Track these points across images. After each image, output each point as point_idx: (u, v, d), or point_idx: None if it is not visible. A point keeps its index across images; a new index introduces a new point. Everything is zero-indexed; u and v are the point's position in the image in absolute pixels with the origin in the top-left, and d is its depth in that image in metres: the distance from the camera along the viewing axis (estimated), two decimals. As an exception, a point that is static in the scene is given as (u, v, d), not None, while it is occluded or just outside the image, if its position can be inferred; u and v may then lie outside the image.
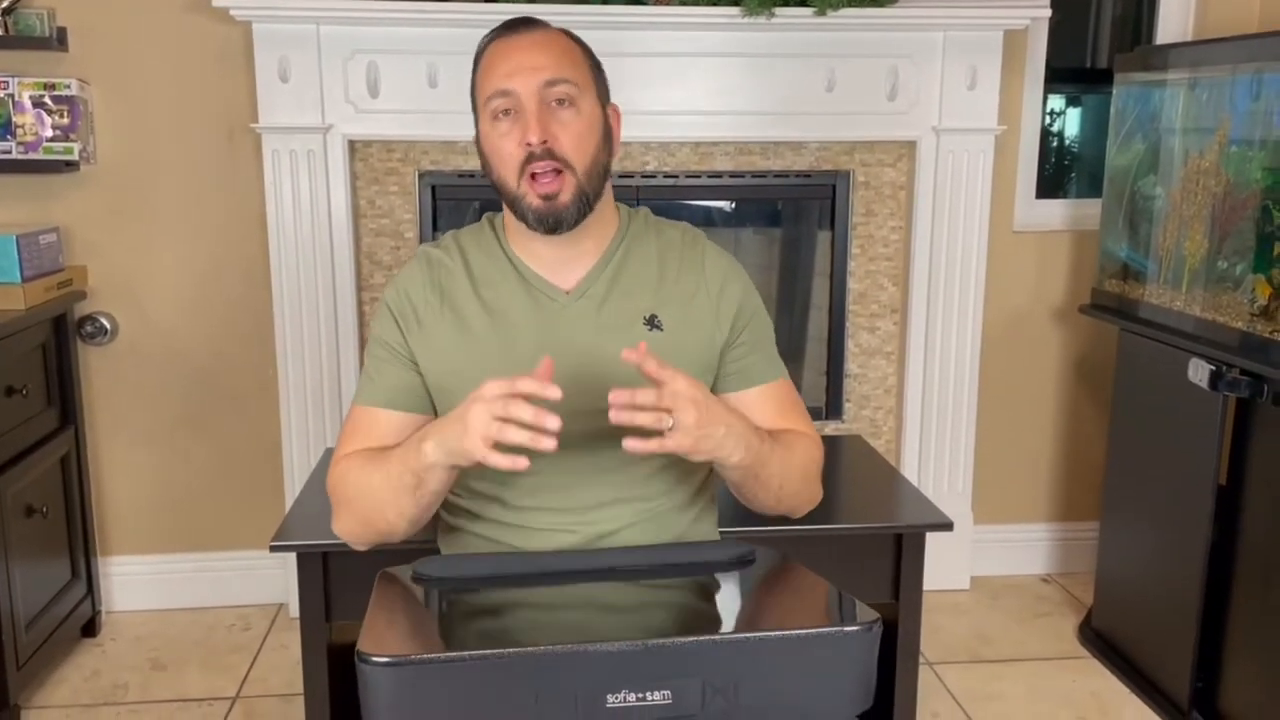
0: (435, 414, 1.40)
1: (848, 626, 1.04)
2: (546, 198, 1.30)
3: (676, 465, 1.39)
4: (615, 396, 1.13)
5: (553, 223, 1.31)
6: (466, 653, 0.99)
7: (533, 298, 1.38)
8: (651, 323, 1.37)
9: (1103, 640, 2.59)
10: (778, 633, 1.03)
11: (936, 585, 2.80)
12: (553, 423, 1.10)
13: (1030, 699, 2.39)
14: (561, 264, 1.38)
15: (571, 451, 1.33)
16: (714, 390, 1.42)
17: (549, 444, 1.10)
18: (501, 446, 1.12)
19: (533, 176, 1.30)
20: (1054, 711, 2.34)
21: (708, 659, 1.00)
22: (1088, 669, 2.52)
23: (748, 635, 1.03)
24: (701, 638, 1.02)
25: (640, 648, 0.99)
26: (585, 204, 1.32)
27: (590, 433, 1.32)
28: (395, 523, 1.30)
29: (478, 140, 1.36)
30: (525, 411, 1.10)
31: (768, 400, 1.42)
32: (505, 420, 1.11)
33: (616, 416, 1.13)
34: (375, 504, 1.30)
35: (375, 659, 0.97)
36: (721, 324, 1.40)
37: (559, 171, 1.30)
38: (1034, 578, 3.00)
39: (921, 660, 2.40)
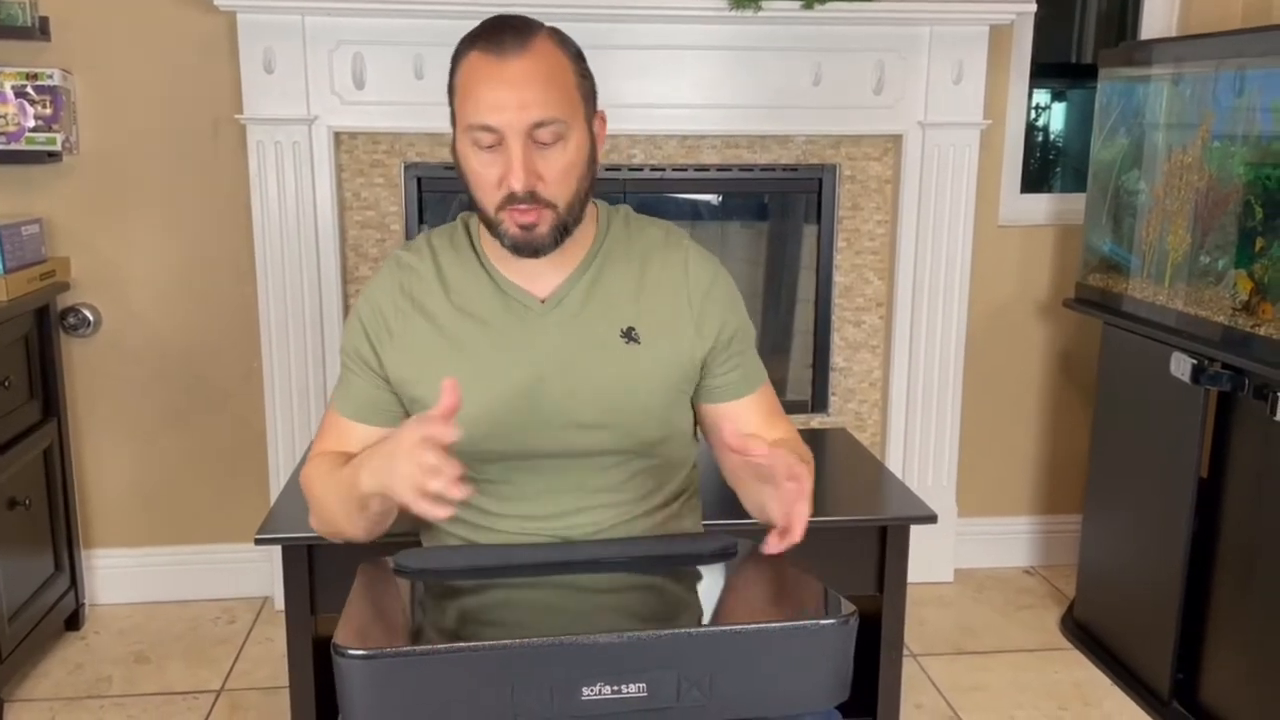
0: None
1: (824, 620, 1.04)
2: (524, 227, 1.25)
3: (652, 470, 1.38)
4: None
5: (529, 251, 1.27)
6: (442, 646, 0.99)
7: (507, 305, 1.33)
8: (629, 335, 1.33)
9: (1085, 632, 2.60)
10: (754, 626, 1.03)
11: (920, 577, 2.82)
12: (457, 493, 1.07)
13: (1013, 690, 2.40)
14: (537, 271, 1.33)
15: (544, 461, 1.33)
16: (698, 402, 1.41)
17: (458, 493, 1.07)
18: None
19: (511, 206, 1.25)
20: (1036, 702, 2.36)
21: (684, 652, 1.00)
22: (1070, 660, 2.54)
23: (724, 628, 1.03)
24: (678, 631, 1.02)
25: (616, 641, 0.99)
26: (563, 233, 1.27)
27: (562, 443, 1.31)
28: (351, 531, 1.32)
29: (454, 149, 1.29)
30: (442, 472, 1.07)
31: (756, 408, 1.41)
32: (429, 470, 1.07)
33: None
34: (330, 513, 1.33)
35: (351, 652, 0.97)
36: (704, 337, 1.36)
37: (540, 207, 1.24)
38: (1017, 570, 3.01)
39: (905, 652, 2.41)
